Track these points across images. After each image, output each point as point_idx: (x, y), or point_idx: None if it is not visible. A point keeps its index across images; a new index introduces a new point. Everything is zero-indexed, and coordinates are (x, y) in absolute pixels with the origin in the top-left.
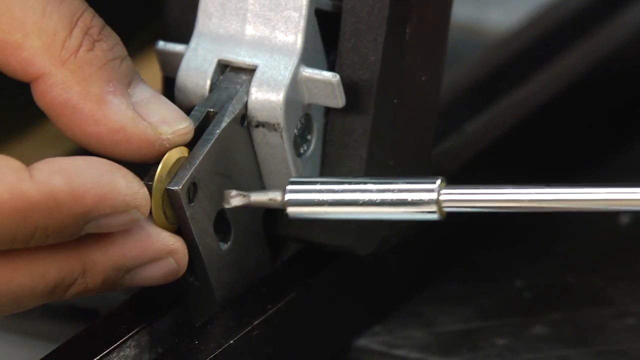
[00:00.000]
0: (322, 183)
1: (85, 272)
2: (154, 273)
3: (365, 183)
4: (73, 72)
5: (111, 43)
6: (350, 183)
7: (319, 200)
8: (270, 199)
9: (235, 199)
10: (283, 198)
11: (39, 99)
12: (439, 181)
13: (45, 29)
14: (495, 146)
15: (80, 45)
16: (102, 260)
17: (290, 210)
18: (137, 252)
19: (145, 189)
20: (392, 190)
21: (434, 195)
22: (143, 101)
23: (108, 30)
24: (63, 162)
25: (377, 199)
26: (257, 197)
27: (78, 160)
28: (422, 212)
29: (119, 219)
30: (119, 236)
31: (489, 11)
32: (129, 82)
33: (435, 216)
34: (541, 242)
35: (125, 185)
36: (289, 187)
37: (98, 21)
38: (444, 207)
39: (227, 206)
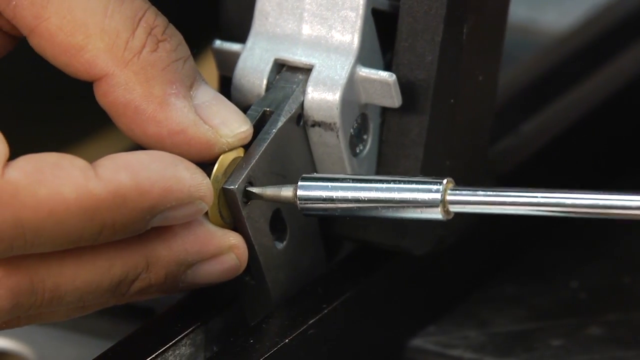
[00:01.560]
0: (332, 180)
1: (149, 266)
2: (215, 269)
3: (374, 181)
4: (136, 73)
5: (175, 43)
6: (359, 181)
7: (328, 197)
8: (283, 194)
9: (252, 188)
10: (295, 194)
11: (100, 99)
12: (445, 181)
13: (107, 30)
14: (551, 147)
15: (143, 46)
16: (165, 255)
17: (301, 205)
18: (199, 246)
19: (208, 180)
20: (400, 189)
21: (439, 196)
22: (205, 103)
23: (172, 29)
24: (127, 157)
25: (384, 197)
26: (272, 192)
27: (141, 155)
28: (428, 211)
29: (184, 210)
30: (180, 231)
31: (544, 12)
32: (191, 83)
33: (439, 216)
34: (597, 242)
35: (189, 177)
36: (301, 183)
37: (161, 20)
38: (449, 208)
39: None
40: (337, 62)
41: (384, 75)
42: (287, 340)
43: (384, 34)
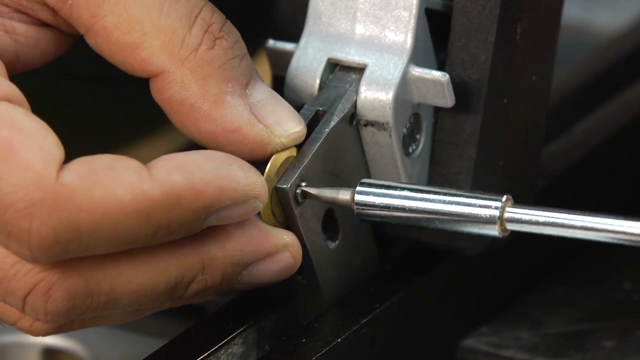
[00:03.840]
0: (391, 188)
1: (205, 268)
2: (271, 268)
3: (433, 192)
4: (192, 70)
5: (232, 40)
6: (418, 191)
7: (384, 204)
8: (340, 197)
9: (309, 188)
10: (352, 198)
11: (156, 95)
12: (504, 199)
13: (163, 28)
14: (603, 148)
15: (200, 43)
16: (220, 256)
17: (357, 209)
18: (254, 246)
19: (262, 179)
20: (458, 203)
21: (497, 213)
22: (260, 102)
23: (229, 26)
24: (180, 157)
25: (442, 210)
26: (329, 194)
27: (195, 155)
28: (485, 227)
29: (239, 209)
30: (235, 232)
31: (597, 12)
32: (247, 81)
33: (496, 233)
34: None
35: (243, 176)
36: (359, 188)
37: (218, 17)
38: (507, 225)
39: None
40: (390, 62)
41: (437, 74)
42: (339, 340)
43: (437, 34)
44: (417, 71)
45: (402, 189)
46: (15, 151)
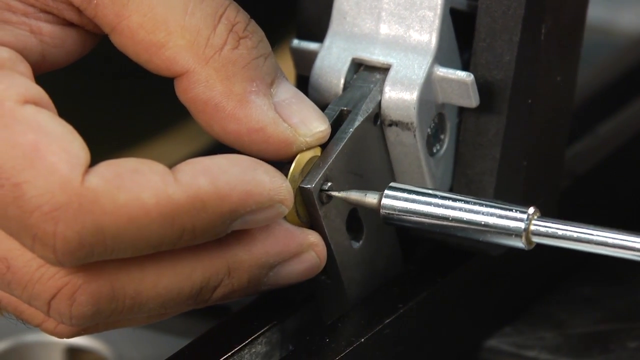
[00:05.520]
0: (418, 193)
1: (230, 272)
2: (297, 268)
3: (460, 201)
4: (217, 70)
5: (256, 40)
6: (445, 198)
7: (411, 209)
8: (368, 200)
9: (335, 192)
10: (379, 202)
11: (181, 94)
12: (531, 210)
13: (187, 28)
14: (627, 148)
15: (224, 43)
16: (247, 259)
17: (384, 213)
18: (280, 247)
19: (287, 183)
20: (484, 213)
21: (523, 225)
22: (285, 101)
23: (253, 25)
24: (205, 162)
25: (468, 219)
26: (356, 196)
27: (220, 159)
28: (510, 239)
29: (264, 214)
30: (260, 234)
31: (621, 12)
32: (272, 80)
33: (521, 245)
34: None
35: (268, 180)
36: (387, 192)
37: (243, 16)
38: (532, 238)
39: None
40: (415, 62)
41: (462, 75)
42: (362, 340)
43: (461, 34)
44: (442, 71)
45: (430, 195)
46: (41, 154)
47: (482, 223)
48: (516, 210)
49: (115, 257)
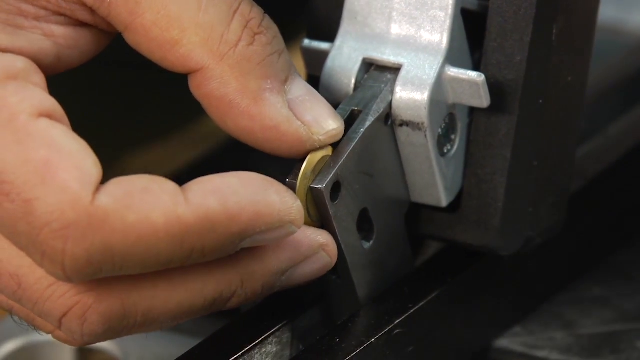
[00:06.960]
0: None
1: (244, 283)
2: (308, 270)
3: None
4: (231, 67)
5: (271, 36)
6: None
7: None
8: None
9: None
10: None
11: (195, 90)
12: None
13: (202, 24)
14: (638, 149)
15: (239, 40)
16: (259, 269)
17: None
18: (291, 253)
19: (298, 203)
20: None
21: None
22: (298, 98)
23: (268, 21)
24: (216, 181)
25: None
26: None
27: (231, 178)
28: None
29: (274, 234)
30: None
31: (632, 12)
32: (286, 77)
33: None
34: None
35: (279, 201)
36: None
37: (257, 12)
38: None
39: None
40: (426, 62)
41: (473, 75)
42: (373, 340)
43: (472, 34)
44: (453, 71)
45: None
46: (53, 171)
47: None
48: None
49: (124, 274)
